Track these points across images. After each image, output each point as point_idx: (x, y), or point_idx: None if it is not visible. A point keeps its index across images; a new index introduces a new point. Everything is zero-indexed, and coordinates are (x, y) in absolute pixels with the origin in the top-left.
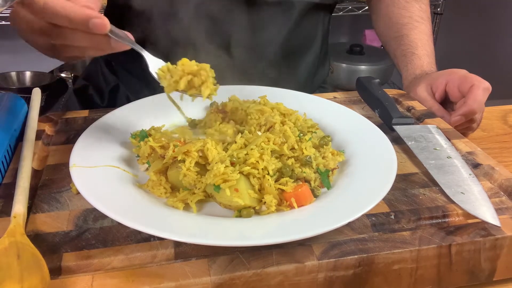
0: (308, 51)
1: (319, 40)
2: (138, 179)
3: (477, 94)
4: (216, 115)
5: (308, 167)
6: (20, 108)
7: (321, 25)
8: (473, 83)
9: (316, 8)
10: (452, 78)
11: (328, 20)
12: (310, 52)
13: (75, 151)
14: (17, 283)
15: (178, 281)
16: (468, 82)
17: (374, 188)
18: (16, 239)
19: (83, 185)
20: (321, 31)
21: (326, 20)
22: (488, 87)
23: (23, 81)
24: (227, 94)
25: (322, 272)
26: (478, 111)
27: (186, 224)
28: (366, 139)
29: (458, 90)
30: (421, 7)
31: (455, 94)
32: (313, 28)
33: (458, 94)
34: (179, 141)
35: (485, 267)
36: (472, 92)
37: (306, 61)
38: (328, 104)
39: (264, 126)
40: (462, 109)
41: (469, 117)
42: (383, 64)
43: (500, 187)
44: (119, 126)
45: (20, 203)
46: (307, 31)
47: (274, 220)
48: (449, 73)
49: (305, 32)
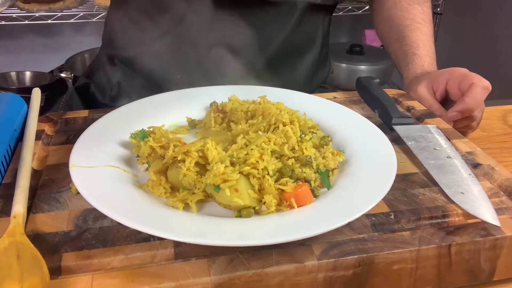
0: (308, 51)
1: (319, 40)
2: (138, 179)
3: (475, 92)
4: (215, 115)
5: (308, 167)
6: (20, 108)
7: (321, 26)
8: (473, 81)
9: (316, 8)
10: (452, 76)
11: (329, 21)
12: (310, 53)
13: (75, 151)
14: (17, 283)
15: (178, 281)
16: (468, 80)
17: (374, 188)
18: (16, 239)
19: (83, 185)
20: (321, 31)
21: (326, 21)
22: (487, 86)
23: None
24: (226, 94)
25: (322, 272)
26: (475, 109)
27: (186, 224)
28: (366, 139)
29: (458, 89)
30: (423, 10)
31: (455, 92)
32: (313, 28)
33: (458, 93)
34: (179, 141)
35: (485, 267)
36: (471, 90)
37: (306, 62)
38: (328, 104)
39: (274, 125)
40: (459, 106)
41: (465, 114)
42: (383, 64)
43: (500, 187)
44: (119, 126)
45: (20, 203)
46: (307, 32)
47: (274, 220)
48: (449, 71)
49: (305, 32)
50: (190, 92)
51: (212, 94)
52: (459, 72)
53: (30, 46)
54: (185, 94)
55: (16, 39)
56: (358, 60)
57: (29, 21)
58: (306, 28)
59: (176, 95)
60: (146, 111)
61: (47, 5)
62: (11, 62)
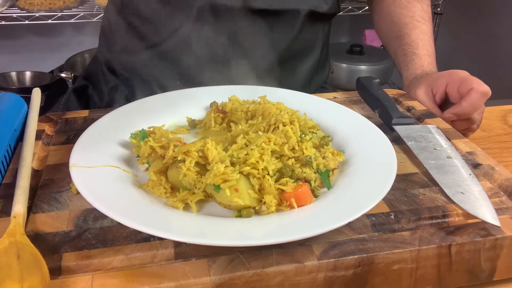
0: (309, 55)
1: (319, 44)
2: (138, 179)
3: (474, 97)
4: (216, 115)
5: (308, 167)
6: (20, 108)
7: (322, 30)
8: (472, 86)
9: (319, 16)
10: (452, 79)
11: (329, 27)
12: (311, 57)
13: (75, 151)
14: (17, 283)
15: (178, 281)
16: (468, 84)
17: (374, 188)
18: (16, 239)
19: (83, 185)
20: (321, 35)
21: (327, 25)
22: (487, 92)
23: (23, 81)
24: (226, 94)
25: (322, 272)
26: (471, 114)
27: (186, 224)
28: (367, 139)
29: (457, 92)
30: (423, 8)
31: (455, 95)
32: (315, 34)
33: (457, 96)
34: (179, 141)
35: (485, 267)
36: (470, 95)
37: (306, 65)
38: (328, 104)
39: (274, 125)
40: (455, 108)
41: (461, 117)
42: (383, 64)
43: (500, 187)
44: (119, 126)
45: (20, 203)
46: (308, 38)
47: (274, 220)
48: (449, 74)
49: (307, 38)
50: (190, 92)
51: (212, 94)
52: (458, 75)
53: (30, 46)
54: (185, 94)
55: (16, 39)
56: (358, 60)
57: (29, 21)
58: (308, 35)
59: (176, 95)
60: (146, 111)
61: (48, 5)
62: (11, 62)
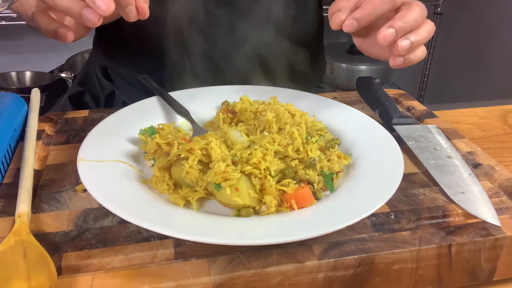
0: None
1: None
2: (143, 174)
3: None
4: (224, 115)
5: (312, 169)
6: (20, 108)
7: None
8: None
9: None
10: None
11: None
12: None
13: (84, 145)
14: (24, 282)
15: (178, 281)
16: None
17: (376, 193)
18: (22, 238)
19: (87, 179)
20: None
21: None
22: None
23: (23, 81)
24: (237, 93)
25: (322, 272)
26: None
27: (186, 222)
28: (375, 143)
29: None
30: None
31: None
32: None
33: None
34: (184, 139)
35: (485, 267)
36: None
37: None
38: (339, 107)
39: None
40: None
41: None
42: (383, 64)
43: (500, 187)
44: (130, 123)
45: (24, 202)
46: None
47: (274, 220)
48: None
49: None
50: (202, 91)
51: (224, 94)
52: None
53: (30, 46)
54: (197, 93)
55: (16, 39)
56: (358, 60)
57: None
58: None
59: (188, 93)
60: (156, 109)
61: None
62: (11, 62)
